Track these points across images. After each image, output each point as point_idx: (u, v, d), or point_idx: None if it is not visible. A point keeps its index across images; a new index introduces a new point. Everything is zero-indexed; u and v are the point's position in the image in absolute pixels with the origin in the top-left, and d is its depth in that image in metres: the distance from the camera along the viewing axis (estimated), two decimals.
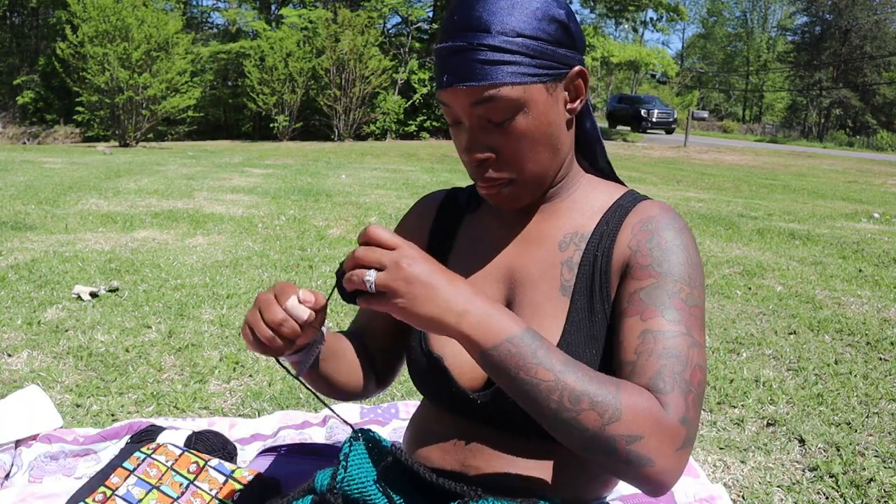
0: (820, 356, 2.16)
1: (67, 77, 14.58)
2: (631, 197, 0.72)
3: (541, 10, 0.62)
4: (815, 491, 1.36)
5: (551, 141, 0.66)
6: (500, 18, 0.60)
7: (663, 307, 0.62)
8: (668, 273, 0.63)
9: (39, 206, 4.61)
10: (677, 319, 0.61)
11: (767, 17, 43.69)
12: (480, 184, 0.67)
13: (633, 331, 0.62)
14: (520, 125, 0.63)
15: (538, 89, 0.62)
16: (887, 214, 6.10)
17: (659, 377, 0.58)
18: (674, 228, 0.66)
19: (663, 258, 0.64)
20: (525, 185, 0.67)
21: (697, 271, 0.65)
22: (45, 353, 1.93)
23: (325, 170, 8.61)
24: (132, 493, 0.95)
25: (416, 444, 0.77)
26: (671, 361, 0.59)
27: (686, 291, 0.63)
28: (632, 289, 0.64)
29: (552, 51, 0.62)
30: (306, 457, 1.14)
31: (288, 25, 18.38)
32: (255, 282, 2.81)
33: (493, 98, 0.61)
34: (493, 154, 0.65)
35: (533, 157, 0.65)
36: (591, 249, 0.69)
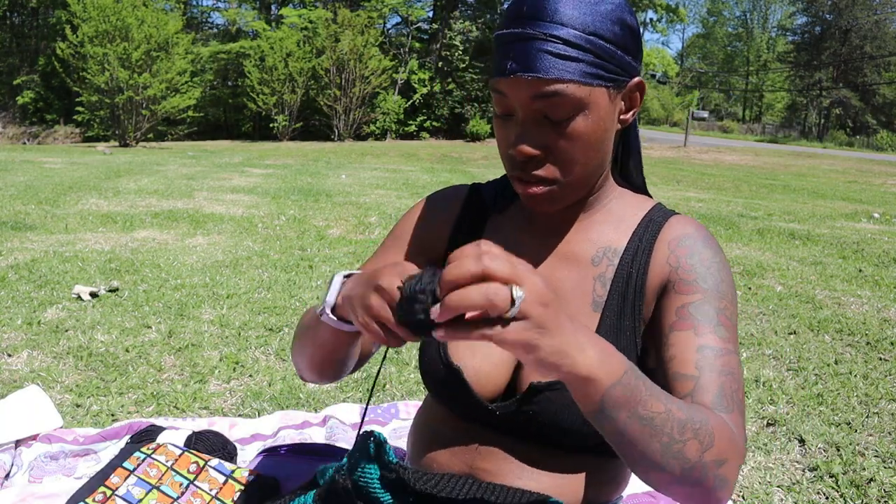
0: (820, 356, 2.16)
1: (67, 77, 14.59)
2: (661, 211, 0.71)
3: (615, 12, 0.59)
4: (815, 491, 1.36)
5: (602, 148, 0.64)
6: (574, 13, 0.57)
7: (714, 324, 0.62)
8: (714, 290, 0.64)
9: (39, 206, 4.61)
10: (727, 337, 0.62)
11: (767, 17, 43.71)
12: (522, 181, 0.64)
13: (689, 345, 0.61)
14: (578, 126, 0.60)
15: (601, 93, 0.60)
16: (887, 214, 6.10)
17: (722, 396, 0.59)
18: (711, 247, 0.67)
19: (707, 274, 0.65)
20: (568, 188, 0.64)
21: (733, 289, 0.66)
22: (45, 353, 1.93)
23: (325, 170, 8.61)
24: (132, 493, 0.95)
25: (424, 445, 0.76)
26: (729, 380, 0.60)
27: (730, 309, 0.64)
28: (678, 303, 0.64)
29: (620, 56, 0.60)
30: (306, 457, 1.14)
31: (288, 25, 18.39)
32: (254, 282, 2.82)
33: (558, 94, 0.58)
34: (543, 152, 0.62)
35: (583, 161, 0.63)
36: (625, 266, 0.68)
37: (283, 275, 2.95)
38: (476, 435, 0.71)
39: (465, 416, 0.72)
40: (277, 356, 1.99)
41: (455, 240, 0.75)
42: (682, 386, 0.59)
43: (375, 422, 1.49)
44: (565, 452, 0.69)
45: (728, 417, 0.57)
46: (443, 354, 0.71)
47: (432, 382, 0.73)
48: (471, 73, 19.80)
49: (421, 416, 0.80)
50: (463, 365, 0.70)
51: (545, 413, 0.66)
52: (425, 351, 0.74)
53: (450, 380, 0.70)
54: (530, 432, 0.68)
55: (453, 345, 0.71)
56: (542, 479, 0.68)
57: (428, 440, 0.75)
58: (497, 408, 0.68)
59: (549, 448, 0.69)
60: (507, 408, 0.67)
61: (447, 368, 0.70)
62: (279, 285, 2.77)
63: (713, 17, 46.80)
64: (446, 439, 0.73)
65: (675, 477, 0.52)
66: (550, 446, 0.69)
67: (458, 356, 0.70)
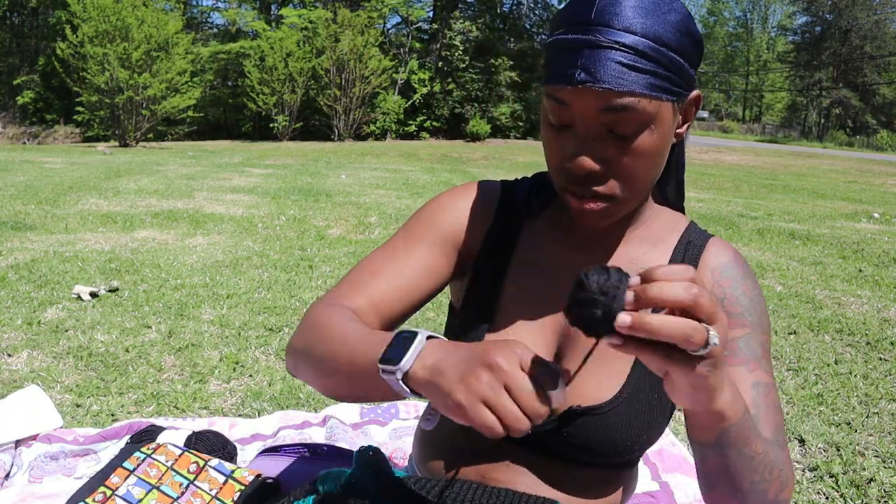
0: (820, 356, 2.16)
1: (67, 77, 14.59)
2: (697, 233, 0.71)
3: (683, 23, 0.56)
4: (815, 491, 1.36)
5: (661, 163, 0.61)
6: (645, 21, 0.54)
7: (761, 359, 0.64)
8: (758, 324, 0.65)
9: (39, 206, 4.61)
10: (770, 371, 0.64)
11: (767, 17, 43.72)
12: (577, 195, 0.60)
13: (744, 381, 0.62)
14: (644, 142, 0.57)
15: (667, 107, 0.57)
16: (887, 214, 6.10)
17: (777, 433, 0.61)
18: (752, 277, 0.68)
19: (752, 308, 0.65)
20: (625, 204, 0.61)
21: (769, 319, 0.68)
22: (45, 353, 1.93)
23: (325, 170, 8.61)
24: (132, 493, 0.95)
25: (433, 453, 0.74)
26: (778, 416, 0.62)
27: (769, 342, 0.66)
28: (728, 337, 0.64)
29: (687, 69, 0.57)
30: (306, 457, 1.14)
31: (288, 25, 18.39)
32: (254, 282, 2.82)
33: (628, 108, 0.54)
34: (604, 167, 0.58)
35: (644, 177, 0.60)
36: None
37: (283, 275, 2.95)
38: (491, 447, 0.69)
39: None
40: (277, 356, 1.99)
41: (489, 241, 0.71)
42: None
43: (375, 422, 1.49)
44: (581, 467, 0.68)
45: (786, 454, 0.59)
46: None
47: None
48: (471, 73, 19.80)
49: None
50: None
51: (579, 435, 0.65)
52: None
53: None
54: (554, 449, 0.67)
55: None
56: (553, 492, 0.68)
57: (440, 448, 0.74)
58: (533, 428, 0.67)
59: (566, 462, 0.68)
60: (543, 427, 0.65)
61: None
62: (279, 285, 2.77)
63: (713, 16, 46.82)
64: (458, 448, 0.71)
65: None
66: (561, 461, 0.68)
67: None
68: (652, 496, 1.17)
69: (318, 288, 2.76)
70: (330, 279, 2.92)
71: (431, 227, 0.72)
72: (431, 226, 0.72)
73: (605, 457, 0.66)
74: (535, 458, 0.68)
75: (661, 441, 1.39)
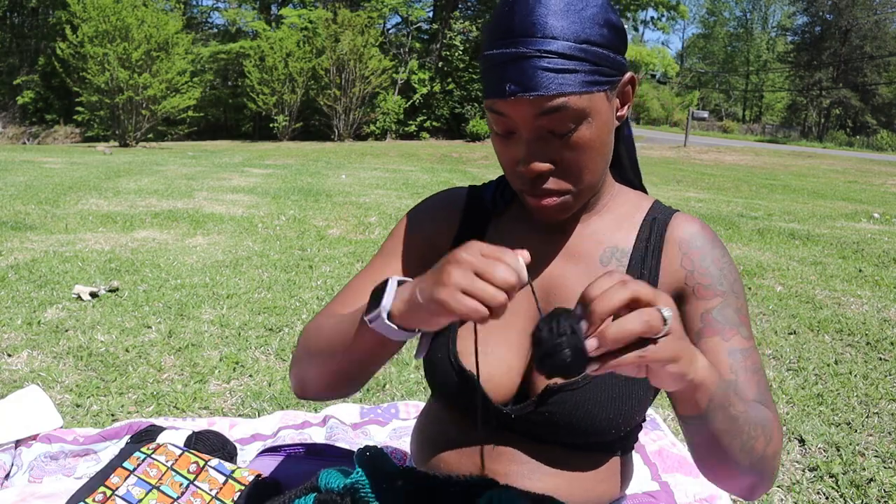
0: (820, 356, 2.16)
1: (67, 77, 14.59)
2: (662, 209, 0.72)
3: (599, 14, 0.59)
4: (815, 491, 1.36)
5: (607, 150, 0.64)
6: (563, 24, 0.57)
7: (737, 325, 0.66)
8: (730, 291, 0.67)
9: (39, 206, 4.61)
10: (748, 335, 0.66)
11: (767, 17, 43.72)
12: (534, 196, 0.64)
13: (720, 351, 0.64)
14: (583, 136, 0.60)
15: (600, 97, 0.60)
16: (887, 214, 6.10)
17: (760, 393, 0.63)
18: (719, 246, 0.70)
19: (722, 276, 0.67)
20: (580, 196, 0.65)
21: (742, 283, 0.70)
22: (45, 353, 1.93)
23: (325, 170, 8.61)
24: (132, 493, 0.95)
25: (430, 449, 0.75)
26: (760, 377, 0.64)
27: (745, 306, 0.67)
28: (701, 309, 0.66)
29: (612, 57, 0.60)
30: (306, 457, 1.14)
31: (288, 25, 18.40)
32: (254, 282, 2.82)
33: (561, 108, 0.58)
34: (552, 166, 0.62)
35: (591, 168, 0.63)
36: (636, 267, 0.68)
37: (283, 275, 2.95)
38: (486, 437, 0.71)
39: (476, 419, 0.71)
40: (277, 356, 1.99)
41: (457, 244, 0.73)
42: None
43: (375, 422, 1.49)
44: (573, 452, 0.69)
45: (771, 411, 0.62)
46: (453, 360, 0.70)
47: (442, 387, 0.72)
48: (471, 73, 19.79)
49: (426, 419, 0.80)
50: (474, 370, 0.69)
51: (561, 413, 0.66)
52: (433, 360, 0.73)
53: (463, 387, 0.70)
54: (544, 433, 0.68)
55: (463, 351, 0.70)
56: (551, 480, 0.69)
57: (435, 443, 0.75)
58: (512, 410, 0.68)
59: (559, 448, 0.69)
60: (523, 409, 0.67)
61: (460, 376, 0.70)
62: (279, 285, 2.77)
63: (713, 16, 46.82)
64: (455, 442, 0.72)
65: (743, 469, 0.57)
66: (560, 446, 0.69)
67: (470, 362, 0.70)
68: (652, 496, 1.17)
69: (317, 288, 2.76)
70: (330, 279, 2.92)
71: (403, 241, 0.76)
72: (403, 240, 0.76)
73: (591, 434, 0.67)
74: (529, 445, 0.69)
75: (661, 441, 1.38)
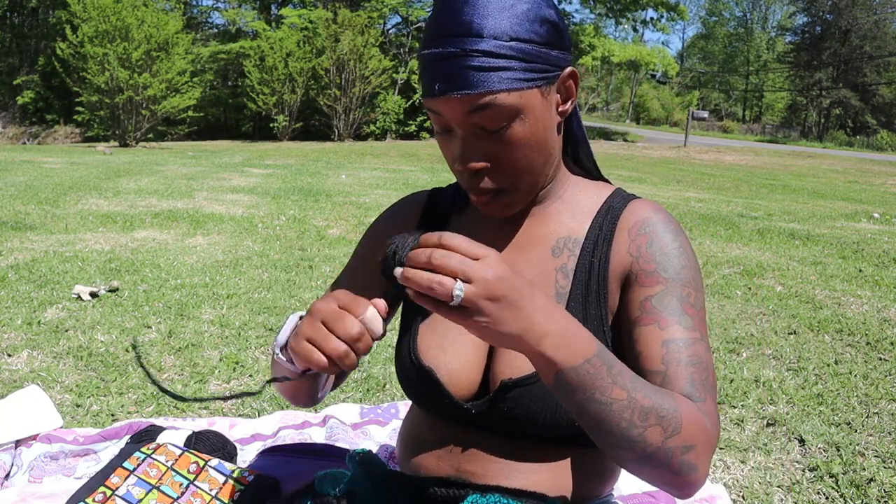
0: (820, 356, 2.16)
1: (67, 77, 14.59)
2: (620, 197, 0.71)
3: (532, 11, 0.59)
4: (815, 491, 1.36)
5: (546, 146, 0.64)
6: (491, 22, 0.57)
7: (677, 314, 0.62)
8: (675, 278, 0.64)
9: (39, 206, 4.61)
10: (692, 326, 0.62)
11: (767, 17, 43.72)
12: (474, 194, 0.65)
13: (653, 340, 0.61)
14: (516, 132, 0.61)
15: (534, 94, 0.60)
16: (887, 214, 6.10)
17: (692, 386, 0.59)
18: (671, 231, 0.67)
19: (667, 263, 0.64)
20: (520, 192, 0.65)
21: (697, 272, 0.66)
22: (45, 353, 1.93)
23: (325, 170, 8.61)
24: (132, 494, 0.95)
25: (410, 451, 0.76)
26: (697, 370, 0.60)
27: (693, 295, 0.64)
28: (641, 296, 0.64)
29: (545, 53, 0.60)
30: (306, 457, 1.14)
31: (288, 25, 18.39)
32: (255, 282, 2.82)
33: (490, 105, 0.58)
34: (487, 163, 0.63)
35: (528, 165, 0.63)
36: (587, 255, 0.68)
37: (283, 275, 2.95)
38: (459, 437, 0.71)
39: (443, 417, 0.72)
40: None
41: None
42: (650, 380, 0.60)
43: (375, 422, 1.49)
44: (549, 447, 0.69)
45: (701, 406, 0.58)
46: (413, 357, 0.70)
47: (406, 384, 0.73)
48: None
49: (406, 421, 0.80)
50: (435, 365, 0.69)
51: (519, 408, 0.66)
52: (398, 354, 0.74)
53: (423, 381, 0.70)
54: (508, 429, 0.68)
55: (424, 346, 0.70)
56: (529, 477, 0.68)
57: (414, 445, 0.75)
58: (472, 406, 0.68)
59: (531, 443, 0.68)
60: (481, 406, 0.67)
61: (418, 370, 0.70)
62: (279, 285, 2.77)
63: (713, 17, 46.82)
64: (431, 444, 0.73)
65: (637, 457, 0.55)
66: (531, 441, 0.68)
67: (430, 357, 0.70)
68: (652, 496, 1.17)
69: (318, 288, 2.76)
70: (330, 279, 2.92)
71: (370, 243, 0.79)
72: (370, 242, 0.80)
73: (554, 427, 0.66)
74: (500, 442, 0.69)
75: None
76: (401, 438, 0.80)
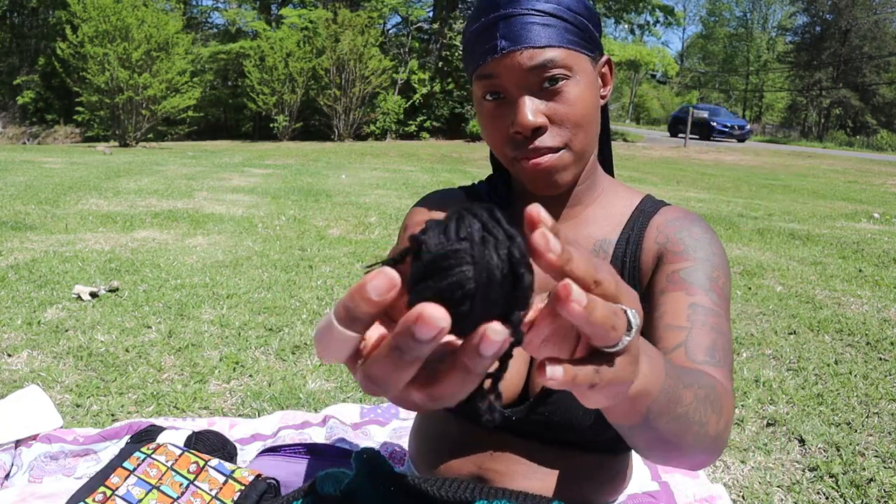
0: (820, 356, 2.16)
1: (67, 77, 14.57)
2: (651, 202, 0.72)
3: None
4: (814, 491, 1.36)
5: (595, 116, 0.66)
6: None
7: (705, 288, 0.61)
8: (705, 259, 0.64)
9: (39, 206, 4.61)
10: (718, 302, 0.61)
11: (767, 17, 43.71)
12: (530, 155, 0.63)
13: (681, 303, 0.60)
14: (573, 91, 0.63)
15: (585, 60, 0.64)
16: (887, 214, 6.10)
17: (714, 349, 0.57)
18: (701, 225, 0.68)
19: (697, 246, 0.65)
20: (576, 156, 0.65)
21: (726, 263, 0.66)
22: (45, 353, 1.93)
23: (325, 170, 8.61)
24: (132, 494, 0.95)
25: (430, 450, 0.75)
26: (721, 338, 0.59)
27: (722, 279, 0.63)
28: (669, 270, 0.64)
29: (591, 29, 0.64)
30: (306, 457, 1.14)
31: (288, 25, 18.39)
32: (255, 282, 2.81)
33: (551, 61, 0.61)
34: (546, 121, 0.63)
35: (585, 126, 0.64)
36: (619, 255, 0.68)
37: (283, 275, 2.95)
38: (487, 439, 0.70)
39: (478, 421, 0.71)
40: (277, 356, 1.98)
41: None
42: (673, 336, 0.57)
43: (375, 422, 1.49)
44: (573, 451, 0.69)
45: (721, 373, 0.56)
46: None
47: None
48: None
49: (424, 419, 0.79)
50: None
51: (557, 413, 0.66)
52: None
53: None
54: (541, 433, 0.68)
55: None
56: (550, 479, 0.68)
57: (434, 444, 0.74)
58: (513, 413, 0.67)
59: (558, 447, 0.69)
60: (521, 412, 0.67)
61: None
62: (279, 285, 2.77)
63: (713, 17, 46.81)
64: (454, 443, 0.72)
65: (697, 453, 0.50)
66: (557, 445, 0.68)
67: None
68: (652, 496, 1.17)
69: (318, 288, 2.76)
70: (330, 279, 2.92)
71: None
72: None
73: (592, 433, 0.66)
74: (529, 445, 0.69)
75: None
76: (418, 436, 0.79)
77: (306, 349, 2.05)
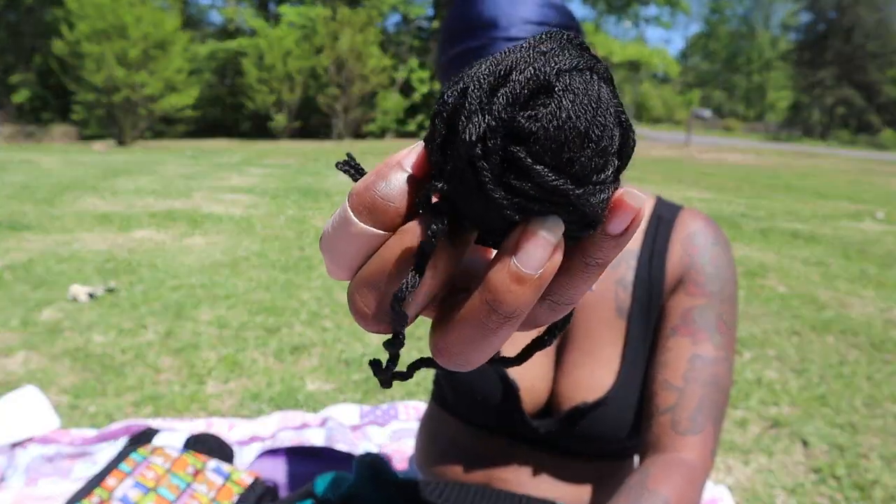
0: (823, 357, 2.15)
1: (64, 75, 14.56)
2: (666, 207, 0.71)
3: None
4: (818, 493, 1.35)
5: None
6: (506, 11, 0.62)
7: (712, 330, 0.64)
8: (718, 293, 0.65)
9: (36, 205, 4.60)
10: (721, 344, 0.64)
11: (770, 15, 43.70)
12: None
13: (683, 354, 0.63)
14: None
15: None
16: (891, 214, 6.08)
17: (699, 411, 0.61)
18: (721, 243, 0.68)
19: (716, 276, 0.66)
20: None
21: (736, 287, 0.68)
22: (41, 353, 1.92)
23: (324, 169, 8.60)
24: (129, 496, 0.94)
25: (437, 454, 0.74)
26: (712, 390, 0.62)
27: (729, 313, 0.65)
28: (687, 305, 0.65)
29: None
30: (305, 459, 1.13)
31: (286, 23, 18.37)
32: (253, 282, 2.80)
33: None
34: None
35: None
36: (643, 267, 0.68)
37: (282, 275, 2.94)
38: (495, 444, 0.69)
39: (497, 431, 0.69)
40: (276, 357, 1.97)
41: None
42: (666, 397, 0.61)
43: (374, 423, 1.48)
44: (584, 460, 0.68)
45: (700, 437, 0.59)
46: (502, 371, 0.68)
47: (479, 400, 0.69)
48: None
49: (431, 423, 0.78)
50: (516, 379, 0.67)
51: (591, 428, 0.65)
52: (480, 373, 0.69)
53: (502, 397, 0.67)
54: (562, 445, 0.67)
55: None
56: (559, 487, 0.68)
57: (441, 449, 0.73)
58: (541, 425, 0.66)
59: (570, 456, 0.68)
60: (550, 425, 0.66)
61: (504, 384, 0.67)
62: (278, 286, 2.75)
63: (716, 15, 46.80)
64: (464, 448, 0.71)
65: None
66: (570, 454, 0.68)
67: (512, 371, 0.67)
68: None
69: (317, 288, 2.75)
70: (329, 279, 2.90)
71: None
72: None
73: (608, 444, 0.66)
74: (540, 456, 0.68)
75: None
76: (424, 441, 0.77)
77: (305, 350, 2.03)
